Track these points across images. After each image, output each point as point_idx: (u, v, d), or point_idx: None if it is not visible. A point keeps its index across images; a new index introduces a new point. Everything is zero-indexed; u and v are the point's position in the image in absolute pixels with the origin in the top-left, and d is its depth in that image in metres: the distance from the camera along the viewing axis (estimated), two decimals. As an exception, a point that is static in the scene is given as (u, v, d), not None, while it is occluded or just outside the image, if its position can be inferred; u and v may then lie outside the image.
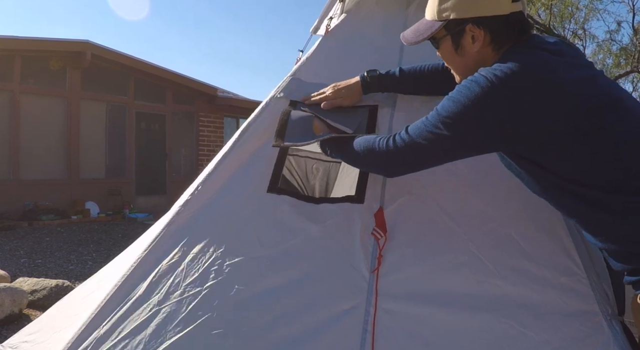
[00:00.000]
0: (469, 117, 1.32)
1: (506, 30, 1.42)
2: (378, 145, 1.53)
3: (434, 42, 1.53)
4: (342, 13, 2.23)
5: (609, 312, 1.58)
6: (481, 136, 1.35)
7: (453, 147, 1.40)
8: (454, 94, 1.36)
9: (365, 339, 1.55)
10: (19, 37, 9.64)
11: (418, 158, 1.48)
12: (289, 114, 1.86)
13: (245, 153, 1.90)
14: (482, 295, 1.60)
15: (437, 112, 1.38)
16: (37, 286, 4.36)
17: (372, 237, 1.69)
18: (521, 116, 1.28)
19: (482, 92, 1.29)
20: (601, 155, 1.28)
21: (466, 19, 1.42)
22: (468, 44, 1.44)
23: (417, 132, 1.43)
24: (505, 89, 1.27)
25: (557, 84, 1.28)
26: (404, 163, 1.53)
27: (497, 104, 1.28)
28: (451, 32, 1.46)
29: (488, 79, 1.29)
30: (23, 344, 1.91)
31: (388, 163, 1.55)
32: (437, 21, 1.47)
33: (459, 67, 1.52)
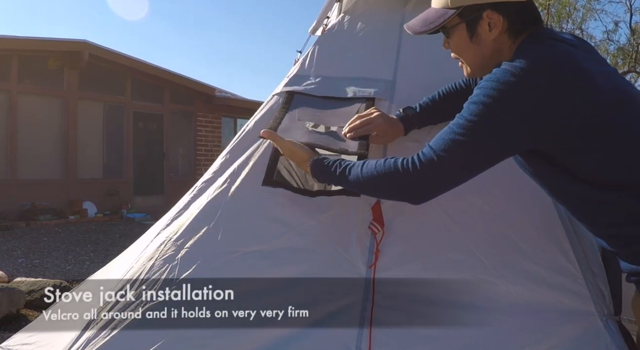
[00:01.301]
0: (497, 116, 1.24)
1: (523, 16, 1.35)
2: (401, 167, 1.36)
3: (445, 31, 1.41)
4: (340, 13, 2.23)
5: (605, 312, 1.58)
6: (513, 135, 1.26)
7: (486, 152, 1.30)
8: (476, 96, 1.27)
9: (362, 334, 1.55)
10: (16, 37, 9.63)
11: (450, 174, 1.34)
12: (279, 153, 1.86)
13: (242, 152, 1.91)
14: (479, 292, 1.60)
15: (462, 117, 1.29)
16: (35, 286, 4.35)
17: (369, 231, 1.68)
18: (550, 109, 1.21)
19: (507, 88, 1.22)
20: (624, 155, 1.24)
21: (483, 5, 1.33)
22: (485, 32, 1.35)
23: (442, 145, 1.30)
24: (531, 81, 1.21)
25: (583, 75, 1.22)
26: (434, 183, 1.37)
27: (525, 98, 1.21)
28: (466, 19, 1.36)
29: (512, 72, 1.22)
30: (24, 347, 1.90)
31: (415, 187, 1.37)
32: (450, 8, 1.36)
33: (473, 57, 1.42)
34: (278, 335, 1.55)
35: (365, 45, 2.10)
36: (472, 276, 1.62)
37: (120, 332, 1.58)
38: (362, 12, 2.18)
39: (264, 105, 2.01)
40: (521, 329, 1.56)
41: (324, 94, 1.95)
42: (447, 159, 1.30)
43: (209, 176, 1.90)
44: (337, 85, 1.98)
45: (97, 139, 11.18)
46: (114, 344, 1.58)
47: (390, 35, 2.08)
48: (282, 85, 2.03)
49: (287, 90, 1.98)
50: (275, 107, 1.95)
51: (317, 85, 1.98)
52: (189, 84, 12.46)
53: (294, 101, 1.94)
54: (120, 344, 1.57)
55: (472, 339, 1.55)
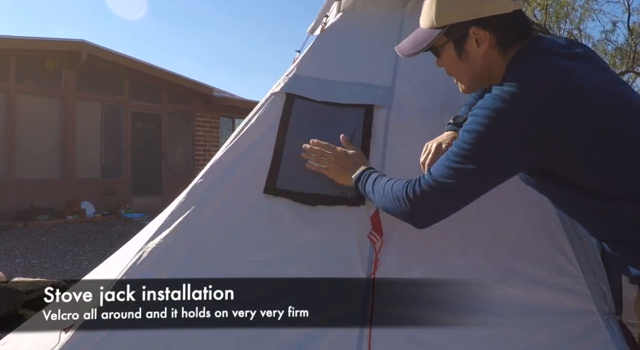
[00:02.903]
0: (490, 143, 1.25)
1: (511, 29, 1.33)
2: (403, 193, 1.40)
3: (434, 51, 1.42)
4: (338, 12, 2.23)
5: (607, 311, 1.58)
6: (509, 159, 1.28)
7: (483, 178, 1.32)
8: (469, 124, 1.28)
9: (362, 343, 1.55)
10: (14, 37, 9.63)
11: (449, 201, 1.38)
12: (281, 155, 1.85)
13: (241, 150, 1.90)
14: (479, 297, 1.60)
15: (457, 146, 1.30)
16: (33, 286, 4.35)
17: (369, 240, 1.69)
18: (543, 129, 1.21)
19: (499, 115, 1.22)
20: (624, 164, 1.24)
21: (468, 22, 1.32)
22: (472, 48, 1.34)
23: (440, 171, 1.33)
24: (522, 106, 1.21)
25: (574, 90, 1.22)
26: (433, 210, 1.41)
27: (517, 123, 1.22)
28: (453, 38, 1.35)
29: (502, 98, 1.22)
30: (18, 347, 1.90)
31: (415, 212, 1.41)
32: (436, 28, 1.36)
33: (464, 75, 1.42)
34: (277, 342, 1.55)
35: (364, 47, 2.10)
36: (471, 281, 1.62)
37: (120, 332, 1.58)
38: (361, 12, 2.17)
39: (262, 104, 1.99)
40: (522, 330, 1.56)
41: (324, 99, 1.94)
42: (444, 186, 1.33)
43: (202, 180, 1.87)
44: (336, 90, 1.97)
45: (96, 139, 11.17)
46: (114, 343, 1.58)
47: (389, 38, 2.07)
48: (281, 84, 2.01)
49: (287, 93, 1.97)
50: (274, 108, 1.93)
51: (316, 89, 1.97)
52: (187, 84, 12.46)
53: (294, 107, 1.92)
54: (119, 344, 1.57)
55: (472, 340, 1.55)
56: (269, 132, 1.88)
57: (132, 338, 1.58)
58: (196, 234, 1.75)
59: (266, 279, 1.66)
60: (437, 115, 1.88)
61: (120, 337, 1.58)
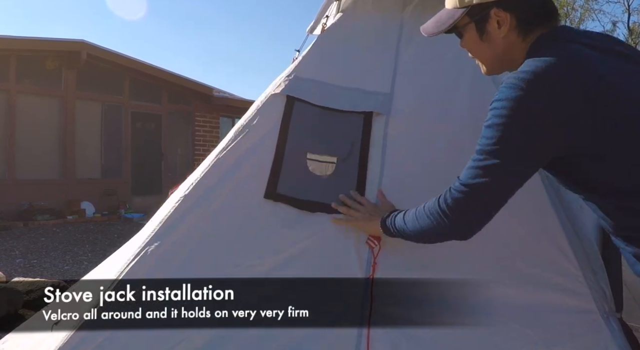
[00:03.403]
0: (512, 133, 1.24)
1: (532, 13, 1.34)
2: (436, 207, 1.37)
3: (457, 32, 1.43)
4: (338, 12, 2.23)
5: (606, 310, 1.59)
6: (531, 147, 1.26)
7: (510, 172, 1.29)
8: (489, 119, 1.27)
9: (360, 342, 1.55)
10: (14, 37, 9.63)
11: (483, 202, 1.34)
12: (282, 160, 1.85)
13: (241, 151, 1.89)
14: (478, 297, 1.60)
15: (480, 144, 1.30)
16: (33, 286, 4.35)
17: (367, 246, 1.69)
18: (560, 115, 1.20)
19: (516, 104, 1.21)
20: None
21: (490, 3, 1.34)
22: (494, 30, 1.36)
23: (468, 174, 1.32)
24: (538, 93, 1.20)
25: (590, 78, 1.21)
26: (471, 215, 1.36)
27: (534, 109, 1.21)
28: (475, 18, 1.37)
29: (519, 87, 1.21)
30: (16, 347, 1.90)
31: (455, 223, 1.37)
32: (459, 8, 1.38)
33: (486, 56, 1.43)
34: (277, 345, 1.55)
35: (364, 50, 2.09)
36: (470, 281, 1.62)
37: (120, 332, 1.58)
38: (360, 14, 2.17)
39: (261, 105, 1.99)
40: (521, 329, 1.56)
41: (323, 103, 1.94)
42: (476, 187, 1.30)
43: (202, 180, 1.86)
44: (336, 94, 1.96)
45: (95, 139, 11.18)
46: (113, 343, 1.58)
47: (389, 42, 2.07)
48: (282, 86, 2.01)
49: (288, 95, 1.96)
50: (274, 111, 1.92)
51: (316, 92, 1.96)
52: (187, 84, 12.46)
53: (295, 111, 1.92)
54: (119, 344, 1.57)
55: (471, 340, 1.56)
56: (269, 135, 1.88)
57: (133, 339, 1.58)
58: (196, 236, 1.76)
59: (266, 279, 1.66)
60: (435, 123, 1.88)
61: (121, 338, 1.58)
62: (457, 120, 1.88)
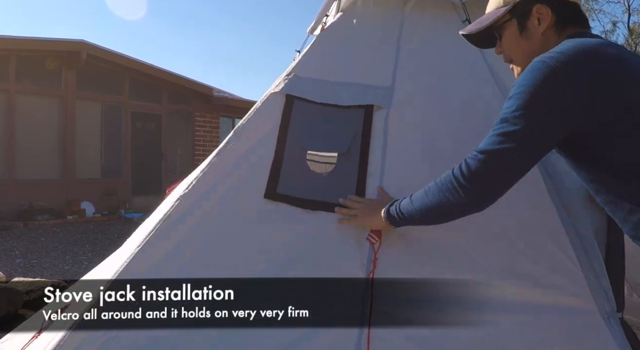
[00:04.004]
0: (536, 104, 1.26)
1: (570, 13, 1.43)
2: (454, 179, 1.36)
3: (497, 31, 1.50)
4: (338, 11, 2.23)
5: (607, 310, 1.58)
6: (553, 121, 1.28)
7: (530, 141, 1.29)
8: (512, 91, 1.31)
9: (360, 342, 1.55)
10: (14, 37, 9.62)
11: (503, 168, 1.33)
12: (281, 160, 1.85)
13: (241, 151, 1.90)
14: (479, 296, 1.60)
15: (501, 114, 1.32)
16: (33, 286, 4.35)
17: (368, 242, 1.69)
18: (584, 94, 1.24)
19: (542, 74, 1.25)
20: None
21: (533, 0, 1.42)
22: (534, 26, 1.43)
23: (488, 142, 1.32)
24: (563, 68, 1.24)
25: (613, 59, 1.26)
26: (489, 181, 1.34)
27: (560, 84, 1.24)
28: (517, 14, 1.45)
29: (544, 61, 1.26)
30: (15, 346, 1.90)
31: (472, 192, 1.35)
32: (502, 7, 1.47)
33: (523, 53, 1.47)
34: (277, 341, 1.55)
35: (364, 47, 2.10)
36: (472, 280, 1.62)
37: (120, 332, 1.58)
38: (360, 12, 2.17)
39: (261, 104, 1.99)
40: (521, 328, 1.56)
41: (323, 100, 1.94)
42: (497, 153, 1.30)
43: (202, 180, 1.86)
44: (336, 90, 1.96)
45: (95, 139, 11.17)
46: (113, 343, 1.58)
47: (389, 38, 2.07)
48: (281, 85, 2.01)
49: (287, 94, 1.96)
50: (274, 110, 1.92)
51: (316, 90, 1.96)
52: (187, 84, 12.45)
53: (294, 109, 1.92)
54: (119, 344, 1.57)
55: (472, 339, 1.55)
56: (269, 135, 1.88)
57: (133, 339, 1.58)
58: (196, 236, 1.76)
59: (266, 279, 1.66)
60: (436, 116, 1.88)
61: (121, 338, 1.58)
62: (457, 113, 1.89)
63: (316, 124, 1.90)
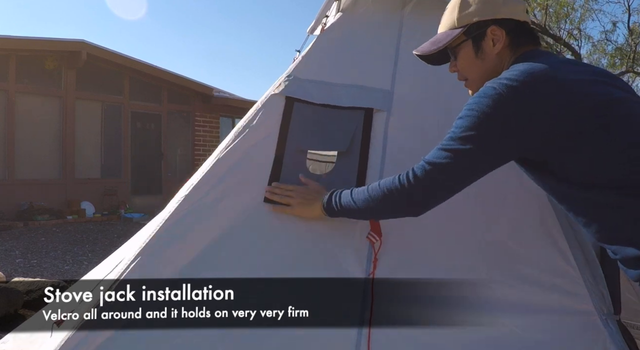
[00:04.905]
0: (483, 128, 1.31)
1: (523, 34, 1.47)
2: (398, 182, 1.44)
3: (452, 51, 1.53)
4: (338, 12, 2.23)
5: (605, 311, 1.59)
6: (498, 143, 1.34)
7: (474, 159, 1.37)
8: (463, 112, 1.36)
9: (361, 342, 1.55)
10: (14, 37, 9.63)
11: (441, 181, 1.41)
12: (281, 162, 1.86)
13: (241, 152, 1.90)
14: (477, 297, 1.60)
15: (450, 132, 1.38)
16: (33, 286, 4.35)
17: (367, 241, 1.69)
18: (530, 117, 1.28)
19: (492, 101, 1.29)
20: (608, 155, 1.27)
21: (488, 21, 1.45)
22: (489, 47, 1.47)
23: (434, 155, 1.40)
24: (513, 94, 1.28)
25: (559, 83, 1.29)
26: (429, 192, 1.43)
27: (508, 109, 1.29)
28: (472, 36, 1.48)
29: (495, 88, 1.30)
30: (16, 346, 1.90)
31: (412, 197, 1.44)
32: (457, 28, 1.49)
33: (478, 73, 1.51)
34: (277, 342, 1.56)
35: (364, 48, 2.09)
36: (470, 281, 1.62)
37: (119, 332, 1.58)
38: (360, 12, 2.17)
39: (260, 105, 1.98)
40: (520, 330, 1.56)
41: (323, 102, 1.94)
42: (440, 166, 1.38)
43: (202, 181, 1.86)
44: (335, 92, 1.96)
45: (95, 138, 11.18)
46: (113, 343, 1.58)
47: (389, 40, 2.07)
48: (281, 86, 2.01)
49: (287, 96, 1.96)
50: (274, 112, 1.92)
51: (316, 91, 1.96)
52: (186, 83, 12.46)
53: (294, 111, 1.92)
54: (119, 344, 1.58)
55: (470, 340, 1.56)
56: (269, 136, 1.87)
57: (133, 339, 1.58)
58: (196, 236, 1.76)
59: (266, 279, 1.66)
60: (435, 119, 1.88)
61: (121, 338, 1.58)
62: (456, 116, 1.89)
63: (316, 124, 1.90)
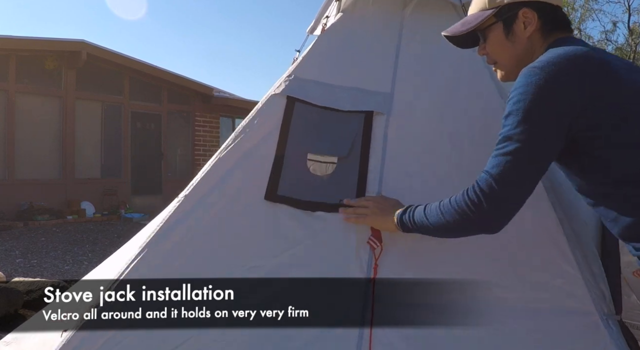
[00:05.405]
0: (530, 116, 1.26)
1: (555, 17, 1.43)
2: (465, 199, 1.35)
3: (482, 33, 1.48)
4: (338, 12, 2.23)
5: (605, 311, 1.59)
6: (551, 131, 1.28)
7: (532, 156, 1.30)
8: (506, 110, 1.30)
9: (361, 343, 1.55)
10: (14, 37, 9.63)
11: (512, 190, 1.32)
12: (282, 162, 1.85)
13: (242, 152, 1.90)
14: (478, 298, 1.60)
15: (501, 134, 1.31)
16: (33, 286, 4.34)
17: (368, 246, 1.69)
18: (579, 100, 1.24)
19: (530, 87, 1.26)
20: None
21: (519, 3, 1.41)
22: (520, 30, 1.42)
23: (492, 164, 1.32)
24: (552, 73, 1.25)
25: (604, 65, 1.27)
26: (503, 204, 1.33)
27: (555, 91, 1.25)
28: (503, 18, 1.43)
29: (531, 72, 1.27)
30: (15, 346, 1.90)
31: (486, 213, 1.34)
32: (488, 9, 1.45)
33: (508, 57, 1.47)
34: (278, 335, 1.55)
35: (364, 50, 2.09)
36: (471, 284, 1.62)
37: (120, 333, 1.58)
38: (361, 13, 2.17)
39: (262, 105, 1.99)
40: (521, 330, 1.56)
41: (324, 104, 1.94)
42: (503, 175, 1.30)
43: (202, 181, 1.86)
44: (336, 94, 1.96)
45: (95, 138, 11.18)
46: (113, 344, 1.58)
47: (389, 41, 2.07)
48: (282, 86, 2.00)
49: (287, 96, 1.96)
50: (275, 112, 1.92)
51: (316, 92, 1.96)
52: (187, 83, 12.46)
53: (295, 111, 1.92)
54: (119, 344, 1.58)
55: (471, 341, 1.56)
56: (270, 136, 1.87)
57: (133, 339, 1.58)
58: (197, 236, 1.76)
59: (266, 279, 1.66)
60: (436, 122, 1.88)
61: (121, 338, 1.58)
62: (457, 119, 1.88)
63: (316, 127, 1.90)
